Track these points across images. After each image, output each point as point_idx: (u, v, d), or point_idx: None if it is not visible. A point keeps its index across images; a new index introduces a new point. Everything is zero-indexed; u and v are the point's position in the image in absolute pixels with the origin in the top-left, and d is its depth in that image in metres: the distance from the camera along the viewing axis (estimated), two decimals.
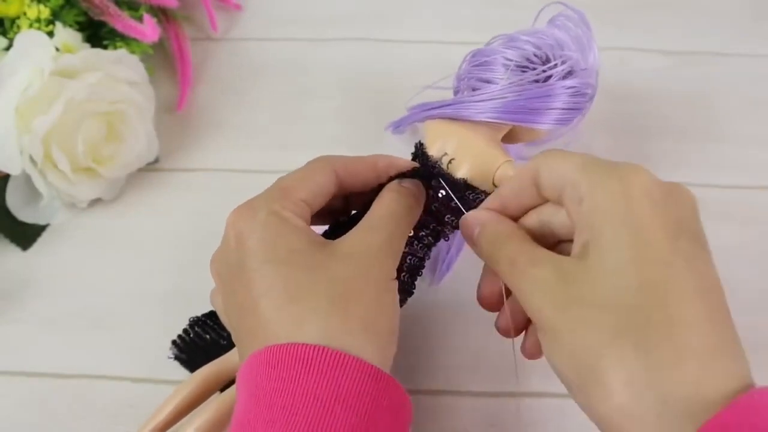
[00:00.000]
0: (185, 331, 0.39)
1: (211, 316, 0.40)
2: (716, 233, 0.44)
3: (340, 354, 0.26)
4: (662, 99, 0.51)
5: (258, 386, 0.26)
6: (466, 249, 0.43)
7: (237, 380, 0.28)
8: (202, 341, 0.39)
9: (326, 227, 0.36)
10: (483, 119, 0.36)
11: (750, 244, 0.44)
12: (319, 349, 0.26)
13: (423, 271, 0.35)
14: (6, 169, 0.42)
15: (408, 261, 0.34)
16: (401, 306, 0.33)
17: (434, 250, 0.43)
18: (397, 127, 0.45)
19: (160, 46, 0.50)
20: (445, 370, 0.39)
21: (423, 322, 0.40)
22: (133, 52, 0.46)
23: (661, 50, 0.54)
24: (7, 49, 0.42)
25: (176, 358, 0.39)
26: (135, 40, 0.47)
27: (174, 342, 0.39)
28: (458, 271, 0.42)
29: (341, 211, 0.36)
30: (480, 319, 0.41)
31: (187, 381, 0.34)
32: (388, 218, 0.31)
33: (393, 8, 0.57)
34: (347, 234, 0.30)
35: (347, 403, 0.25)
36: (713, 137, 0.49)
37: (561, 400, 0.38)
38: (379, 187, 0.34)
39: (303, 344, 0.26)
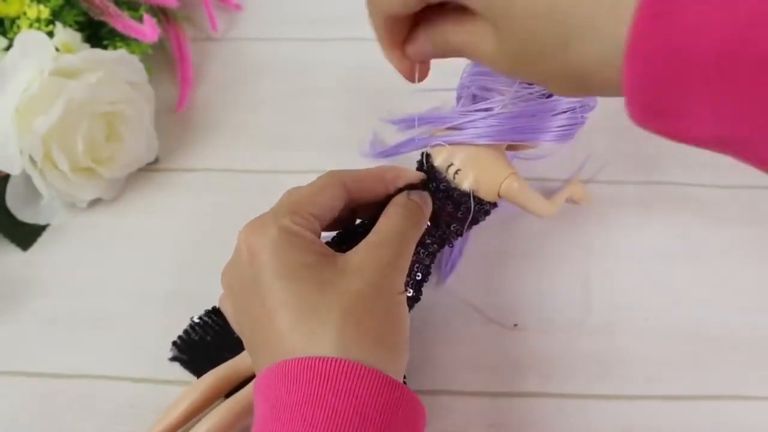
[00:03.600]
0: (186, 332, 0.39)
1: (212, 314, 0.40)
2: (716, 233, 0.45)
3: (357, 365, 0.26)
4: None
5: (278, 399, 0.26)
6: (469, 250, 0.43)
7: (254, 391, 0.29)
8: (202, 342, 0.39)
9: (332, 233, 0.36)
10: (486, 142, 0.36)
11: (750, 244, 0.44)
12: (335, 362, 0.26)
13: (429, 276, 0.35)
14: (6, 169, 0.42)
15: (415, 269, 0.34)
16: (408, 311, 0.33)
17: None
18: (396, 153, 0.42)
19: (160, 46, 0.50)
20: (445, 370, 0.39)
21: (423, 321, 0.40)
22: (133, 52, 0.46)
23: None
24: (7, 49, 0.42)
25: (177, 359, 0.39)
26: (135, 40, 0.47)
27: (174, 343, 0.39)
28: (458, 271, 0.42)
29: (348, 220, 0.36)
30: (480, 319, 0.41)
31: (194, 386, 0.35)
32: (396, 234, 0.31)
33: None
34: (356, 249, 0.30)
35: (365, 414, 0.26)
36: None
37: (561, 400, 0.38)
38: (387, 198, 0.34)
39: (320, 357, 0.26)
